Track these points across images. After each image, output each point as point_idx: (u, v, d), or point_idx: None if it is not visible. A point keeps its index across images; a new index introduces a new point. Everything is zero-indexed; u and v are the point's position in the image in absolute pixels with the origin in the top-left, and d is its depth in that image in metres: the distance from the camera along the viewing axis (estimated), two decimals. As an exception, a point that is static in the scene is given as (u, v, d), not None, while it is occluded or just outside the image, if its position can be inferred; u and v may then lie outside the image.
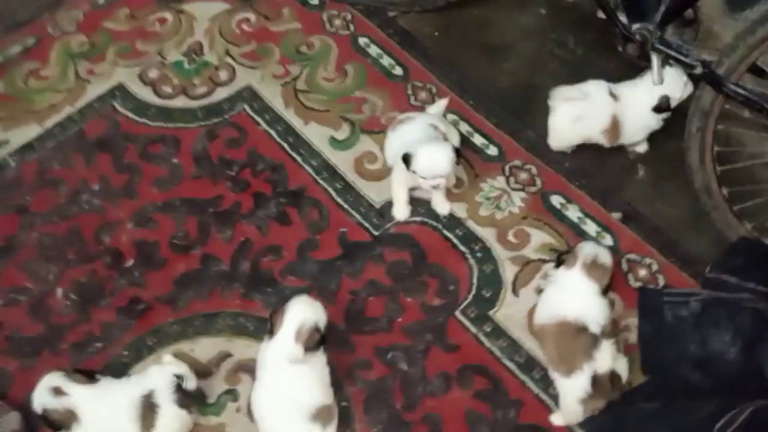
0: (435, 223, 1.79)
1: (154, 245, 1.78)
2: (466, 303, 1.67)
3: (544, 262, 1.72)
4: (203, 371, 1.59)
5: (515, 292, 1.69)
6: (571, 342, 1.45)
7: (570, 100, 1.78)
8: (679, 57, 1.57)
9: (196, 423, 1.53)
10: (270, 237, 1.79)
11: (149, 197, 1.86)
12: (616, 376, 1.47)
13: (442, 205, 1.79)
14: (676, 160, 1.72)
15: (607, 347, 1.45)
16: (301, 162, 1.91)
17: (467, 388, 1.56)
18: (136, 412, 1.42)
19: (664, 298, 1.62)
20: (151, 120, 2.01)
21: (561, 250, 1.68)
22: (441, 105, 1.89)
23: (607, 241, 1.74)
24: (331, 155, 1.92)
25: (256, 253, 1.76)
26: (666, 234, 1.75)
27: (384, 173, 1.88)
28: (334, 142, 1.94)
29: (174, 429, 1.46)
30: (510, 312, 1.66)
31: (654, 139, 1.87)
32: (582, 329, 1.44)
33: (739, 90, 1.47)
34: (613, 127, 1.77)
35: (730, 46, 1.46)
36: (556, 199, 1.82)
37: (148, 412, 1.42)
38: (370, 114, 1.99)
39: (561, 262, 1.53)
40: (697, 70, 1.52)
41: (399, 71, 2.08)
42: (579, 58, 2.08)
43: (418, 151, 1.63)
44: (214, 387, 1.58)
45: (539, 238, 1.76)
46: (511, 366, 1.58)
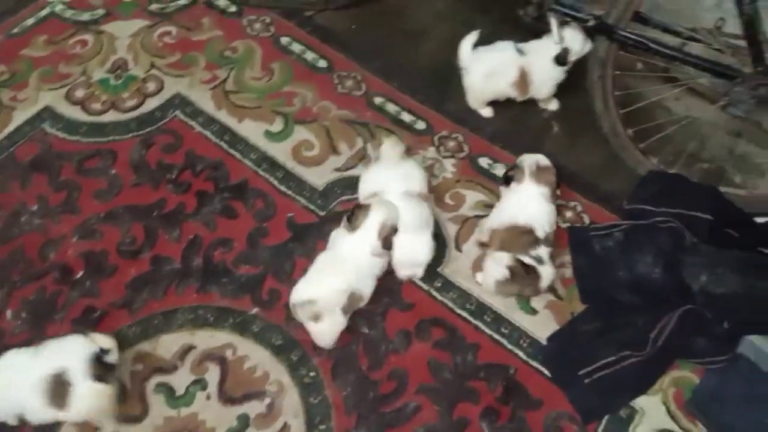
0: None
1: (102, 254, 1.79)
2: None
3: (480, 217, 1.84)
4: (168, 367, 1.60)
5: (458, 248, 1.80)
6: (515, 239, 1.61)
7: (480, 58, 1.93)
8: (573, 13, 1.75)
9: (166, 416, 1.54)
10: (219, 231, 1.83)
11: (91, 210, 1.87)
12: (533, 269, 1.62)
13: None
14: (584, 113, 1.90)
15: (548, 260, 1.63)
16: (240, 157, 1.97)
17: (426, 340, 1.65)
18: (46, 388, 1.39)
19: (591, 233, 1.77)
20: (84, 137, 2.02)
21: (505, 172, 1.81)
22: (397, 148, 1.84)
23: (534, 191, 1.88)
24: (269, 147, 1.99)
25: (206, 248, 1.80)
26: (585, 178, 1.92)
27: (322, 158, 1.97)
28: (269, 135, 2.02)
29: (91, 404, 1.45)
30: (456, 266, 1.77)
31: (563, 98, 2.04)
32: (529, 231, 1.61)
33: (628, 35, 1.65)
34: (521, 79, 1.93)
35: (614, -2, 1.64)
36: (484, 161, 1.96)
37: (59, 389, 1.39)
38: (301, 106, 2.08)
39: (509, 179, 1.66)
40: (590, 23, 1.70)
41: (323, 64, 2.18)
42: (488, 34, 2.21)
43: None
44: (182, 379, 1.60)
45: (473, 197, 1.89)
46: (464, 314, 1.69)
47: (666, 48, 1.68)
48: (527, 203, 1.67)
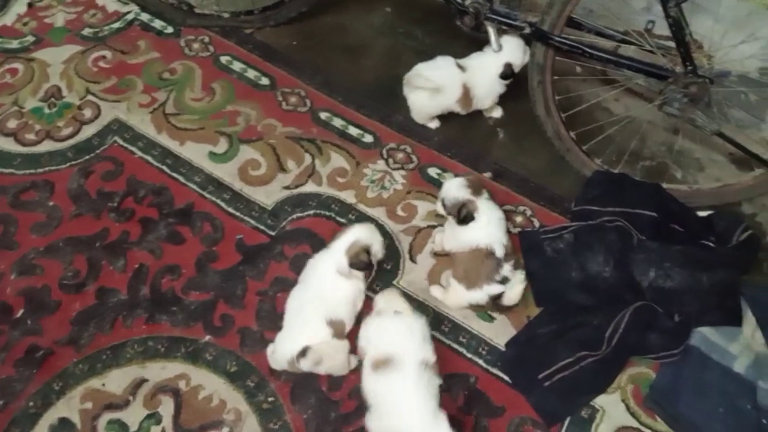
0: (328, 213, 1.87)
1: (44, 290, 1.71)
2: (370, 279, 1.74)
3: (433, 227, 1.84)
4: (120, 403, 1.54)
5: (413, 259, 1.79)
6: (480, 266, 1.61)
7: (422, 79, 1.94)
8: (509, 21, 1.78)
9: (121, 455, 1.48)
10: (165, 258, 1.78)
11: (29, 244, 1.78)
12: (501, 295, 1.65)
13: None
14: (529, 118, 1.93)
15: (513, 274, 1.65)
16: (184, 181, 1.92)
17: (385, 355, 1.62)
18: None
19: (542, 236, 1.79)
20: (18, 168, 1.93)
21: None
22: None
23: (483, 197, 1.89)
24: (214, 169, 1.95)
25: (153, 277, 1.74)
26: (533, 183, 1.94)
27: (270, 176, 1.94)
28: (214, 156, 1.97)
29: None
30: (412, 278, 1.76)
31: (506, 104, 2.07)
32: (490, 254, 1.61)
33: (563, 41, 1.68)
34: (465, 95, 1.95)
35: (548, 4, 1.68)
36: (433, 171, 1.96)
37: None
38: (246, 125, 2.04)
39: (469, 218, 1.64)
40: (526, 31, 1.73)
41: (266, 81, 2.15)
42: (429, 46, 2.26)
43: None
44: (134, 415, 1.54)
45: (425, 207, 1.89)
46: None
47: (601, 51, 1.72)
48: (486, 225, 1.65)
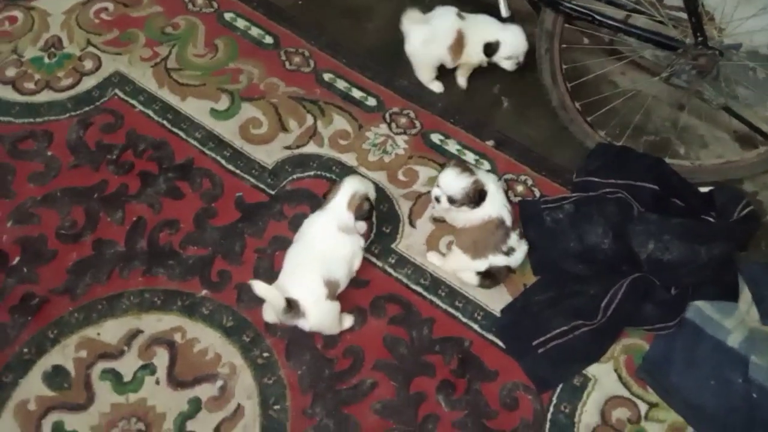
0: (329, 174, 1.85)
1: (40, 239, 1.70)
2: (369, 241, 1.74)
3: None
4: (114, 352, 1.54)
5: (412, 224, 1.79)
6: (489, 237, 1.60)
7: (419, 22, 1.92)
8: (519, -15, 1.74)
9: (113, 403, 1.49)
10: (164, 212, 1.77)
11: (26, 193, 1.77)
12: (508, 269, 1.66)
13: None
14: (533, 88, 1.91)
15: (518, 244, 1.64)
16: (184, 136, 1.90)
17: (382, 317, 1.64)
18: None
19: (542, 206, 1.79)
20: (17, 117, 1.91)
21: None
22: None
23: (485, 166, 1.89)
24: (215, 126, 1.93)
25: (151, 230, 1.74)
26: (535, 152, 1.93)
27: (271, 136, 1.92)
28: (215, 113, 1.95)
29: None
30: (410, 242, 1.76)
31: (512, 73, 2.04)
32: (501, 223, 1.60)
33: (574, 7, 1.66)
34: (457, 42, 1.92)
35: (560, -30, 1.65)
36: (436, 137, 1.95)
37: None
38: (248, 83, 2.02)
39: (483, 197, 1.60)
40: (537, -5, 1.70)
41: (269, 40, 2.12)
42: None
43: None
44: (129, 365, 1.54)
45: (426, 173, 1.88)
46: (419, 289, 1.68)
47: (611, 20, 1.69)
48: (494, 196, 1.62)
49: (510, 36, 1.92)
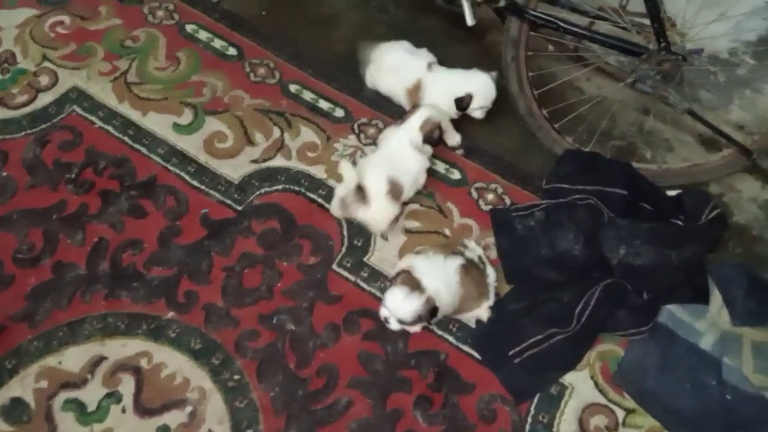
0: (297, 188, 1.82)
1: (-4, 264, 1.63)
2: (340, 255, 1.71)
3: (405, 204, 1.81)
4: (77, 381, 1.48)
5: (384, 237, 1.76)
6: (479, 279, 1.59)
7: (394, 52, 1.91)
8: (484, -6, 1.74)
9: (79, 434, 1.43)
10: (127, 232, 1.71)
11: (-20, 216, 1.69)
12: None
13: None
14: (501, 96, 1.90)
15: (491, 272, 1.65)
16: (146, 152, 1.84)
17: (355, 333, 1.60)
18: None
19: (512, 213, 1.78)
20: (-33, 136, 1.83)
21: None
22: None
23: (455, 175, 1.88)
24: (178, 141, 1.88)
25: (114, 251, 1.68)
26: (504, 160, 1.93)
27: (237, 149, 1.88)
28: (178, 127, 1.90)
29: None
30: (382, 255, 1.73)
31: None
32: (479, 266, 1.61)
33: (539, 15, 1.66)
34: (414, 89, 1.88)
35: (524, -22, 1.65)
36: (405, 147, 1.92)
37: None
38: (212, 96, 1.98)
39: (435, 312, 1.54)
40: (501, 3, 1.69)
41: (233, 52, 2.08)
42: (401, 20, 2.21)
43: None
44: (93, 393, 1.48)
45: (396, 183, 1.85)
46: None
47: (575, 27, 1.70)
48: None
49: (481, 86, 1.84)
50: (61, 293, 1.60)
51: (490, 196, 1.86)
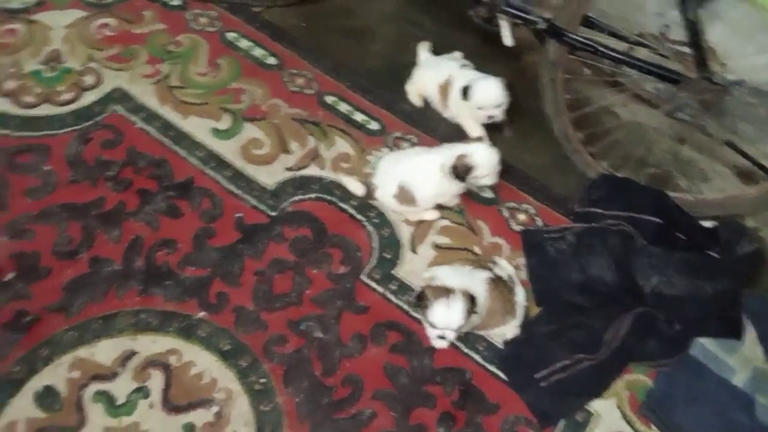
0: (330, 197, 1.84)
1: (35, 256, 1.66)
2: (370, 266, 1.72)
3: (434, 220, 1.82)
4: (108, 374, 1.50)
5: (414, 250, 1.77)
6: (507, 296, 1.59)
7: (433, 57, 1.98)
8: (524, 15, 1.76)
9: (105, 426, 1.45)
10: (162, 231, 1.74)
11: (22, 208, 1.73)
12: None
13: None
14: (535, 116, 1.92)
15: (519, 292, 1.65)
16: (185, 155, 1.88)
17: (382, 344, 1.61)
18: None
19: (544, 235, 1.78)
20: (14, 131, 1.88)
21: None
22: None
23: (487, 193, 1.89)
24: (216, 145, 1.91)
25: (149, 249, 1.71)
26: (537, 181, 1.93)
27: (273, 156, 1.91)
28: (216, 132, 1.94)
29: None
30: (412, 268, 1.74)
31: (514, 101, 2.04)
32: (508, 284, 1.61)
33: (577, 38, 1.67)
34: (444, 87, 1.93)
35: (564, 2, 1.66)
36: (439, 162, 1.94)
37: None
38: (250, 103, 2.01)
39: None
40: (541, 25, 1.71)
41: (273, 61, 2.12)
42: (436, 35, 2.24)
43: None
44: (122, 387, 1.50)
45: (428, 198, 1.86)
46: (420, 317, 1.65)
47: (614, 52, 1.71)
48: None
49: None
50: (97, 287, 1.63)
51: (522, 216, 1.86)
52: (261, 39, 2.17)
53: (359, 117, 2.02)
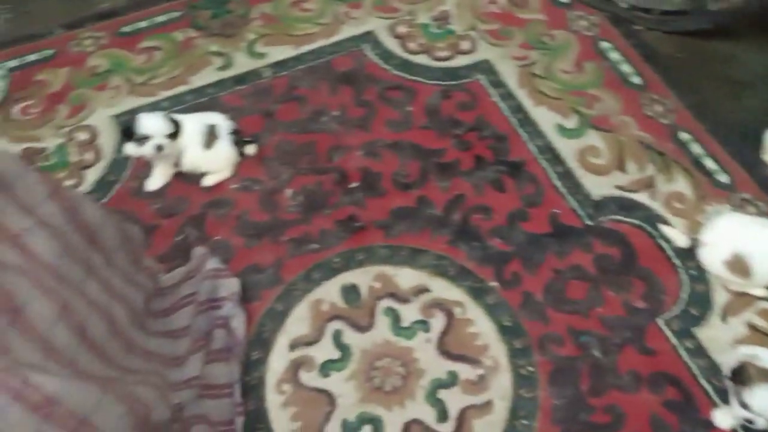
0: (650, 229, 1.78)
1: (378, 176, 1.90)
2: (671, 314, 1.64)
3: (760, 299, 1.65)
4: (402, 297, 1.67)
5: (724, 319, 1.64)
6: None
7: None
8: None
9: (386, 339, 1.61)
10: (484, 198, 1.85)
11: (380, 134, 1.99)
12: None
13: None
14: None
15: None
16: (525, 138, 1.97)
17: (658, 394, 1.53)
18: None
19: None
20: (394, 68, 2.15)
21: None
22: None
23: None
24: (556, 140, 1.96)
25: (468, 209, 1.83)
26: None
27: (607, 169, 1.90)
28: (561, 129, 1.99)
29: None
30: (715, 335, 1.61)
31: None
32: None
33: None
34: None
35: None
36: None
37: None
38: (602, 112, 2.02)
39: None
40: None
41: (637, 80, 2.09)
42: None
43: None
44: (410, 313, 1.65)
45: (760, 273, 1.69)
46: (708, 387, 1.54)
47: None
48: None
49: None
50: (417, 222, 1.80)
51: None
52: (632, 56, 2.16)
53: (709, 163, 1.91)
